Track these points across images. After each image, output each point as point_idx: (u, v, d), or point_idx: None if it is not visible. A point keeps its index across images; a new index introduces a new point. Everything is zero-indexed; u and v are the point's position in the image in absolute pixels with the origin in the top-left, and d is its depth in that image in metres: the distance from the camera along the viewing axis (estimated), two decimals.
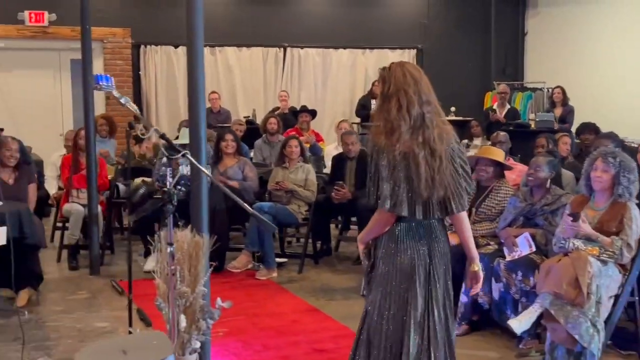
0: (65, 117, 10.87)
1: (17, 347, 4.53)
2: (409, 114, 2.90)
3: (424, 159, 2.88)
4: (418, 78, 2.98)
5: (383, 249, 3.06)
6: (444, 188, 2.91)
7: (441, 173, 2.90)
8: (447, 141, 2.95)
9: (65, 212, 6.65)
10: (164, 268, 3.51)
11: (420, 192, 2.89)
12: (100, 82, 3.00)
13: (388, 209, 2.91)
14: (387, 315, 3.08)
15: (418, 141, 2.89)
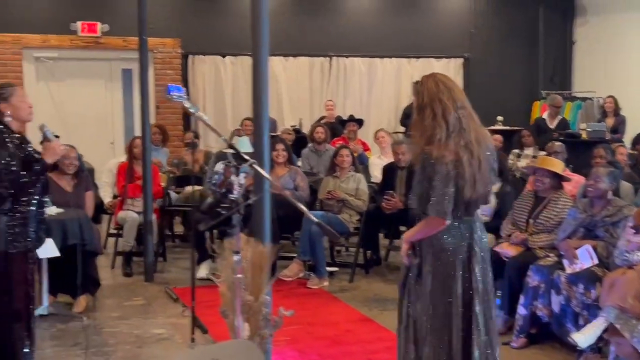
0: (115, 125, 11.06)
1: (77, 352, 4.63)
2: (445, 120, 3.06)
3: (468, 162, 3.04)
4: (450, 86, 3.16)
5: (429, 248, 3.22)
6: (483, 186, 3.11)
7: (481, 173, 3.08)
8: (484, 143, 3.13)
9: (120, 220, 6.76)
10: (229, 276, 3.55)
11: (464, 193, 3.06)
12: (172, 93, 3.05)
13: (442, 216, 3.05)
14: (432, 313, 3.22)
15: (460, 145, 3.05)
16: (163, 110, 10.87)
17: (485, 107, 11.69)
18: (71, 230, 5.18)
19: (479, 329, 3.21)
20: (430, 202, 3.05)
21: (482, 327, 3.22)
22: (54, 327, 5.14)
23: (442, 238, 3.16)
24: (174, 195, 7.83)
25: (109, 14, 10.65)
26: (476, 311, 3.20)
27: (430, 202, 3.06)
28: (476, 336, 3.20)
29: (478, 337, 3.20)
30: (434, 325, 3.22)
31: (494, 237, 5.40)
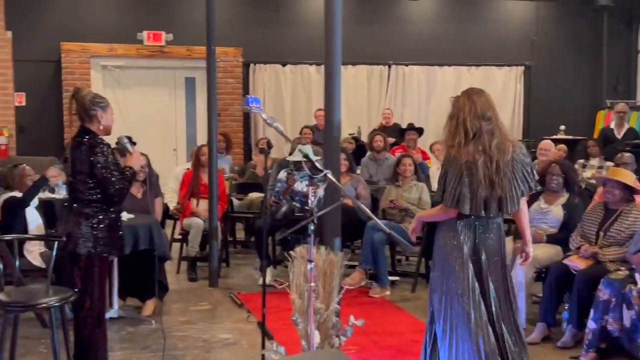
0: (178, 133, 11.29)
1: (147, 355, 4.74)
2: (464, 128, 3.43)
3: (483, 164, 3.39)
4: (475, 100, 3.51)
5: (442, 240, 3.58)
6: (501, 189, 3.40)
7: (499, 177, 3.39)
8: (506, 151, 3.44)
9: (186, 226, 6.90)
10: (300, 284, 3.60)
11: (479, 192, 3.38)
12: (250, 104, 3.11)
13: (449, 205, 3.44)
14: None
15: (478, 149, 3.40)
16: (224, 117, 11.05)
17: (547, 116, 11.73)
18: (142, 236, 5.31)
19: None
20: (444, 193, 3.46)
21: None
22: (124, 330, 5.28)
23: (459, 234, 3.49)
24: (236, 202, 7.97)
25: (173, 23, 10.91)
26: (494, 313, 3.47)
27: (444, 193, 3.47)
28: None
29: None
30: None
31: (562, 250, 5.32)
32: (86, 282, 3.91)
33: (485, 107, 3.47)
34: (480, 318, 3.41)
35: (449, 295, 3.48)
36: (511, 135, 3.57)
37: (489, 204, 3.42)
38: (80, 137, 3.87)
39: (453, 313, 3.46)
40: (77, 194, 3.90)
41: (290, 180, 6.61)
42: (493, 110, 3.49)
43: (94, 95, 3.95)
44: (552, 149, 7.34)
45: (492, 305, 3.45)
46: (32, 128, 10.43)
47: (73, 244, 3.87)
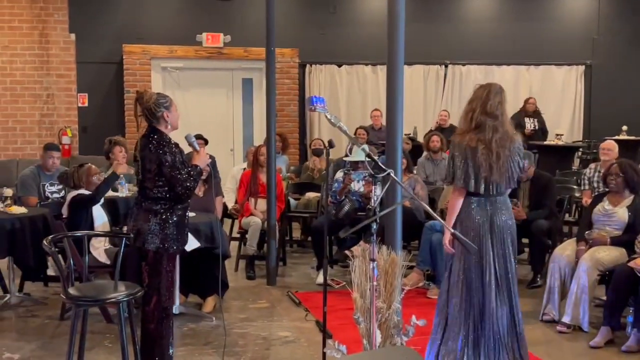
0: (235, 133, 11.44)
1: (208, 351, 4.82)
2: (471, 119, 3.96)
3: (482, 152, 3.90)
4: (491, 97, 3.99)
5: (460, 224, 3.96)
6: (499, 175, 3.92)
7: (498, 164, 3.90)
8: (506, 146, 3.94)
9: (244, 225, 6.99)
10: (362, 283, 3.61)
11: (481, 174, 3.91)
12: (315, 104, 3.14)
13: (460, 184, 3.94)
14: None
15: (479, 139, 3.91)
16: (280, 118, 11.12)
17: (608, 116, 11.47)
18: (203, 234, 5.40)
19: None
20: (455, 175, 3.96)
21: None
22: (185, 326, 5.37)
23: (470, 211, 3.97)
24: (292, 202, 8.03)
25: (230, 25, 11.06)
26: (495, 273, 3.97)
27: (454, 175, 3.96)
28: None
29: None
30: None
31: (626, 252, 5.20)
32: (154, 278, 4.00)
33: (496, 106, 3.96)
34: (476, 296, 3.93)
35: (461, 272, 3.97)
36: (513, 132, 4.04)
37: (489, 184, 3.94)
38: (148, 137, 3.97)
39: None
40: (146, 191, 4.00)
41: (346, 180, 6.70)
42: (502, 110, 3.99)
43: (157, 96, 4.04)
44: (616, 149, 7.16)
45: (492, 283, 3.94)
46: (94, 128, 10.71)
47: (142, 240, 3.97)
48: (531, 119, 10.83)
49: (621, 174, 5.41)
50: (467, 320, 3.93)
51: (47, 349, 4.85)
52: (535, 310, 5.70)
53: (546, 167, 8.60)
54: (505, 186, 3.99)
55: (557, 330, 5.26)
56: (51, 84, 10.72)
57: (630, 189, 5.46)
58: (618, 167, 5.48)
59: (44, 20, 10.60)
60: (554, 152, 10.12)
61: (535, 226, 6.40)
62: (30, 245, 5.56)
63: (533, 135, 10.61)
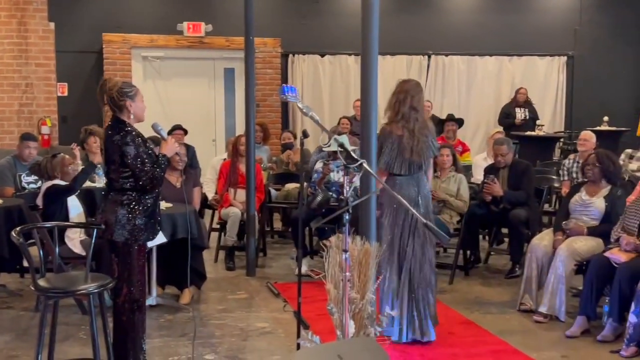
0: (217, 123, 11.37)
1: (185, 342, 4.79)
2: (398, 111, 4.78)
3: (406, 138, 4.71)
4: (414, 94, 4.82)
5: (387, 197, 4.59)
6: (418, 156, 4.75)
7: (418, 148, 4.73)
8: (424, 133, 4.80)
9: (224, 215, 6.95)
10: (336, 274, 3.59)
11: (404, 156, 4.71)
12: (286, 93, 3.11)
13: (383, 168, 4.72)
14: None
15: (404, 126, 4.73)
16: (262, 108, 11.08)
17: (590, 107, 11.51)
18: (180, 225, 5.36)
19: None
20: (381, 159, 4.68)
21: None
22: (162, 318, 5.34)
23: (398, 189, 4.59)
24: (273, 193, 7.99)
25: (212, 14, 10.97)
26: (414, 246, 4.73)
27: (380, 159, 4.67)
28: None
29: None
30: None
31: (603, 242, 5.22)
32: (124, 269, 3.96)
33: (418, 101, 4.82)
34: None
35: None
36: (429, 123, 4.97)
37: (412, 166, 4.76)
38: (111, 128, 3.91)
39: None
40: (112, 182, 3.95)
41: (325, 170, 6.67)
42: (421, 105, 4.87)
43: (121, 85, 3.96)
44: (593, 139, 7.18)
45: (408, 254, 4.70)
46: (74, 118, 10.60)
47: (110, 232, 3.92)
48: (522, 109, 10.85)
49: (598, 164, 5.42)
50: (392, 273, 4.69)
51: (21, 341, 4.81)
52: (512, 300, 5.72)
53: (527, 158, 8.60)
54: (422, 165, 4.82)
55: (533, 320, 5.28)
56: (30, 73, 10.59)
57: (607, 179, 5.47)
58: (595, 157, 5.49)
59: (22, 8, 10.45)
60: (535, 143, 10.13)
61: (514, 216, 6.41)
62: (4, 236, 5.49)
63: (523, 125, 10.62)
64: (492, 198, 6.50)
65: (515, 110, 10.86)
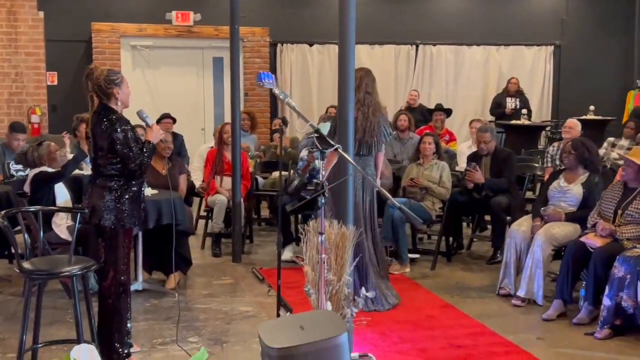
0: (206, 112, 11.44)
1: (169, 325, 4.88)
2: (356, 96, 4.90)
3: (360, 120, 5.12)
4: (367, 80, 5.28)
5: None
6: (370, 137, 5.20)
7: (370, 129, 5.17)
8: (377, 115, 5.26)
9: (210, 203, 7.04)
10: (313, 256, 3.69)
11: (357, 136, 4.98)
12: (263, 80, 3.19)
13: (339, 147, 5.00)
14: None
15: (358, 109, 5.09)
16: (251, 97, 11.17)
17: (576, 96, 11.63)
18: (165, 211, 5.43)
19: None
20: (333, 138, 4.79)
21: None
22: (148, 302, 5.43)
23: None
24: (260, 180, 8.08)
25: (201, 3, 11.01)
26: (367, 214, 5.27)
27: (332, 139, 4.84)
28: None
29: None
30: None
31: (580, 228, 5.33)
32: (110, 253, 4.04)
33: (371, 86, 5.27)
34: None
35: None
36: (382, 106, 5.51)
37: (362, 146, 5.18)
38: (99, 114, 3.99)
39: None
40: (99, 168, 4.03)
41: (310, 157, 6.75)
42: (374, 89, 5.30)
43: (107, 73, 4.03)
44: (578, 127, 7.28)
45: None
46: (64, 107, 10.65)
47: (97, 216, 4.01)
48: (513, 99, 10.95)
49: (573, 151, 5.53)
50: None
51: (8, 324, 4.89)
52: (492, 284, 5.83)
53: (513, 146, 8.73)
54: (373, 148, 5.26)
55: (512, 304, 5.39)
56: (20, 62, 10.63)
57: (584, 166, 5.58)
58: (571, 144, 5.60)
59: None
60: (521, 132, 10.25)
61: (495, 203, 6.52)
62: None
63: (514, 114, 10.72)
64: (474, 185, 6.61)
65: (507, 100, 10.96)
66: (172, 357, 4.28)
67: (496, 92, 11.49)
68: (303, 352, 1.76)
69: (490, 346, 4.52)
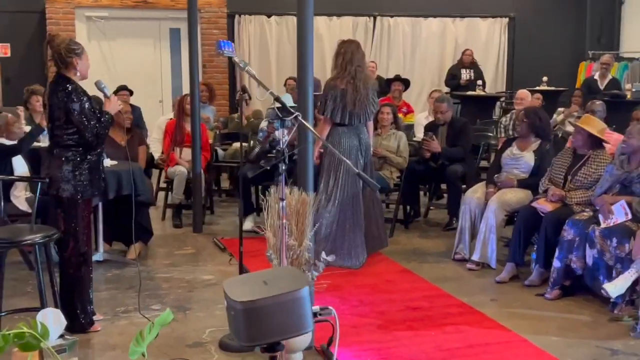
0: (164, 84, 11.34)
1: (132, 294, 4.93)
2: (344, 67, 5.40)
3: (350, 92, 5.36)
4: (355, 52, 5.48)
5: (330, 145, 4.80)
6: (361, 108, 5.43)
7: (360, 100, 5.39)
8: (366, 87, 5.47)
9: (170, 174, 7.05)
10: (274, 222, 3.77)
11: (348, 108, 5.37)
12: (223, 48, 3.24)
13: (328, 115, 5.44)
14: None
15: (349, 82, 5.37)
16: (209, 69, 11.11)
17: (530, 67, 11.84)
18: (125, 182, 5.45)
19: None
20: (325, 108, 5.41)
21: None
22: (110, 272, 5.46)
23: (340, 138, 5.48)
24: (220, 152, 8.11)
25: None
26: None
27: (325, 108, 5.41)
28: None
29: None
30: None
31: (532, 194, 5.51)
32: (69, 224, 4.07)
33: (360, 58, 5.49)
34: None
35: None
36: (370, 78, 5.77)
37: (353, 117, 5.43)
38: (56, 84, 3.98)
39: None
40: (56, 139, 4.03)
41: (270, 128, 6.81)
42: (363, 61, 5.57)
43: (68, 42, 4.03)
44: (528, 97, 7.47)
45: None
46: (18, 79, 10.43)
47: (55, 187, 4.02)
48: (467, 70, 11.11)
49: (525, 119, 5.70)
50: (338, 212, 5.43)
51: None
52: (448, 250, 6.00)
53: (468, 117, 8.88)
54: (363, 118, 5.49)
55: (467, 268, 5.57)
56: None
57: (535, 134, 5.75)
58: (524, 113, 5.77)
59: None
60: (476, 102, 10.44)
61: (451, 171, 6.67)
62: None
63: (469, 85, 10.89)
64: (430, 154, 6.75)
65: (461, 72, 11.13)
66: (135, 325, 4.34)
67: (452, 63, 11.64)
68: (266, 304, 1.84)
69: (445, 307, 4.69)
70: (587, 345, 4.08)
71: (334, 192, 5.46)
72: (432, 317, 4.51)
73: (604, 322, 4.45)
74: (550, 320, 4.50)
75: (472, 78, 11.04)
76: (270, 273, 2.06)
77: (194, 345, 4.06)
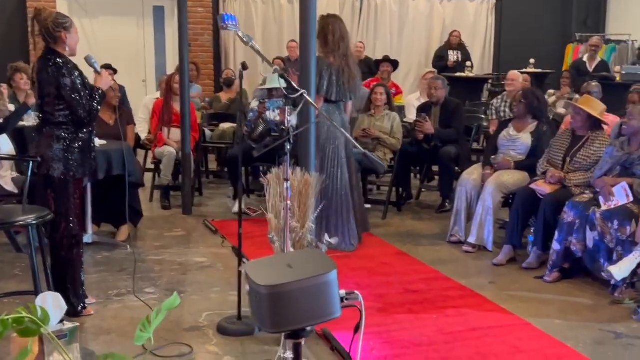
0: (147, 63, 11.12)
1: (123, 276, 4.81)
2: (334, 43, 5.35)
3: (342, 68, 5.34)
4: (342, 28, 5.43)
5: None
6: (348, 82, 5.38)
7: (350, 77, 5.38)
8: (356, 63, 5.64)
9: (158, 155, 6.89)
10: (276, 204, 3.67)
11: (341, 86, 5.35)
12: (227, 22, 3.10)
13: (323, 94, 5.29)
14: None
15: (342, 58, 5.36)
16: (194, 48, 10.89)
17: (517, 49, 11.79)
18: (115, 162, 5.30)
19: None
20: (320, 85, 5.20)
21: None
22: (99, 255, 5.33)
23: (331, 117, 5.20)
24: (208, 133, 7.97)
25: None
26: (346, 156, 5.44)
27: (320, 85, 5.20)
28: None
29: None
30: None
31: (529, 176, 5.45)
32: (61, 204, 3.92)
33: (345, 33, 5.46)
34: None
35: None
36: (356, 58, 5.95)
37: (340, 94, 5.38)
38: (46, 59, 3.82)
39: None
40: (47, 116, 3.88)
41: (261, 108, 6.68)
42: (348, 37, 5.55)
43: (56, 15, 3.87)
44: (520, 79, 7.41)
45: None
46: None
47: (46, 166, 3.87)
48: (455, 52, 11.04)
49: (523, 100, 5.64)
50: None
51: None
52: (442, 232, 5.94)
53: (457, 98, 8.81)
54: (349, 96, 5.47)
55: (463, 251, 5.51)
56: None
57: (532, 115, 5.69)
58: (522, 93, 5.71)
59: None
60: (465, 84, 10.37)
61: (443, 153, 6.60)
62: None
63: (456, 67, 10.81)
64: (424, 136, 6.67)
65: (448, 53, 11.05)
66: (129, 308, 4.22)
67: (440, 45, 11.55)
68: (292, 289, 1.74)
69: (445, 290, 4.63)
70: (590, 329, 4.04)
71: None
72: (432, 300, 4.44)
73: (605, 305, 4.41)
74: (550, 303, 4.46)
75: (460, 60, 10.98)
76: (294, 256, 1.96)
77: (191, 329, 3.96)
